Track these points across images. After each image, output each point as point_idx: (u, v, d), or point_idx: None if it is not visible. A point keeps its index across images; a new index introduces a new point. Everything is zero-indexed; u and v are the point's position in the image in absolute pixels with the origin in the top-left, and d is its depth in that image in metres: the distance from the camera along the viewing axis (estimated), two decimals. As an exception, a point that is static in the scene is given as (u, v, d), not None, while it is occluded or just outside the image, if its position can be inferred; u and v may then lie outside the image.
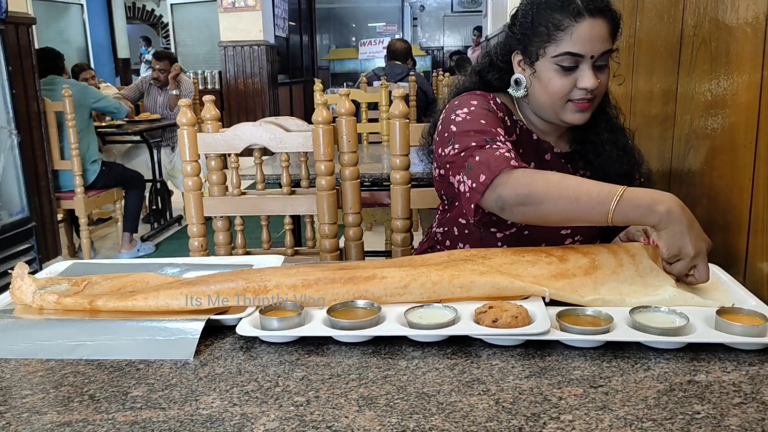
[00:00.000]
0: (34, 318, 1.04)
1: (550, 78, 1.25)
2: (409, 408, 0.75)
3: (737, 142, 1.22)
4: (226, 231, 1.76)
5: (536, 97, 1.30)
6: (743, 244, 1.19)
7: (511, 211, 1.14)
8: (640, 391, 0.78)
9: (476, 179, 1.16)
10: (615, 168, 1.34)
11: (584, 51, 1.21)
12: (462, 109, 1.29)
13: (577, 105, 1.26)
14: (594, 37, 1.21)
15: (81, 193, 3.78)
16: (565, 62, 1.22)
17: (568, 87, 1.24)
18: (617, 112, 1.39)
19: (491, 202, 1.16)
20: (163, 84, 4.82)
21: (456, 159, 1.23)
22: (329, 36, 11.32)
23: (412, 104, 3.92)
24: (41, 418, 0.76)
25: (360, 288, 1.03)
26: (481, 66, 1.41)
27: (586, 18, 1.20)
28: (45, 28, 7.16)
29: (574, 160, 1.39)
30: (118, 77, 9.49)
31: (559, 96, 1.25)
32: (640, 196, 1.04)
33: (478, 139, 1.21)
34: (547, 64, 1.25)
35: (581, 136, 1.37)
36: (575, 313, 0.97)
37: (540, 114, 1.34)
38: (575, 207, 1.08)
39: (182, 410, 0.77)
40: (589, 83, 1.22)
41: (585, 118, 1.28)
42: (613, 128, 1.36)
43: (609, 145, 1.34)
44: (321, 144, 1.63)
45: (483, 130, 1.23)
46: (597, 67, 1.24)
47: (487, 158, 1.17)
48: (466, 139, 1.22)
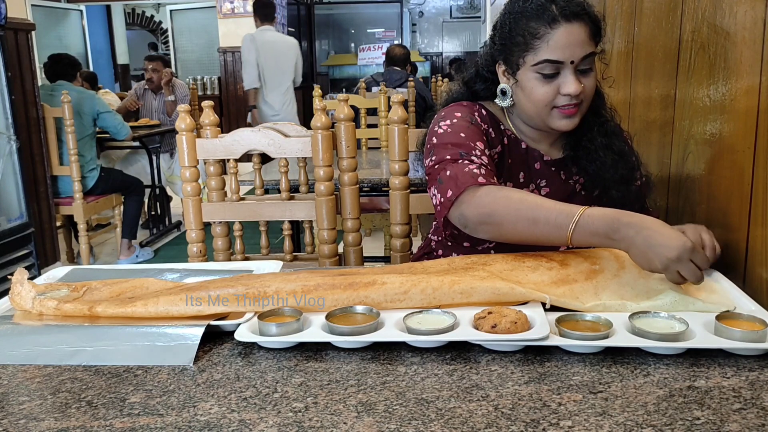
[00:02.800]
0: (33, 324, 1.04)
1: (532, 87, 1.24)
2: (408, 414, 0.75)
3: (736, 147, 1.22)
4: (225, 237, 1.76)
5: (522, 106, 1.30)
6: (742, 249, 1.19)
7: (474, 228, 1.16)
8: (640, 396, 0.78)
9: (444, 194, 1.18)
10: (610, 173, 1.32)
11: (563, 57, 1.20)
12: (445, 121, 1.29)
13: (562, 111, 1.24)
14: (572, 43, 1.20)
15: (80, 198, 3.78)
16: (545, 70, 1.22)
17: (551, 94, 1.23)
18: (612, 114, 1.38)
19: (455, 218, 1.18)
20: (156, 86, 4.83)
21: (431, 171, 1.25)
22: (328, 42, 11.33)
23: (411, 110, 3.93)
24: (39, 424, 0.76)
25: (360, 294, 1.02)
26: (468, 76, 1.41)
27: (561, 24, 1.19)
28: (44, 34, 7.17)
29: (567, 166, 1.37)
30: (118, 83, 9.50)
31: (543, 104, 1.24)
32: (596, 224, 1.04)
33: (453, 152, 1.22)
34: (528, 73, 1.24)
35: (574, 142, 1.35)
36: (574, 318, 0.97)
37: (528, 122, 1.33)
38: (533, 230, 1.09)
39: (180, 417, 0.76)
40: (571, 89, 1.21)
41: (573, 124, 1.27)
42: (607, 132, 1.34)
43: (603, 150, 1.32)
44: (320, 149, 1.63)
45: (460, 143, 1.23)
46: (580, 72, 1.23)
47: (455, 173, 1.18)
48: (443, 152, 1.24)
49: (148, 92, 4.91)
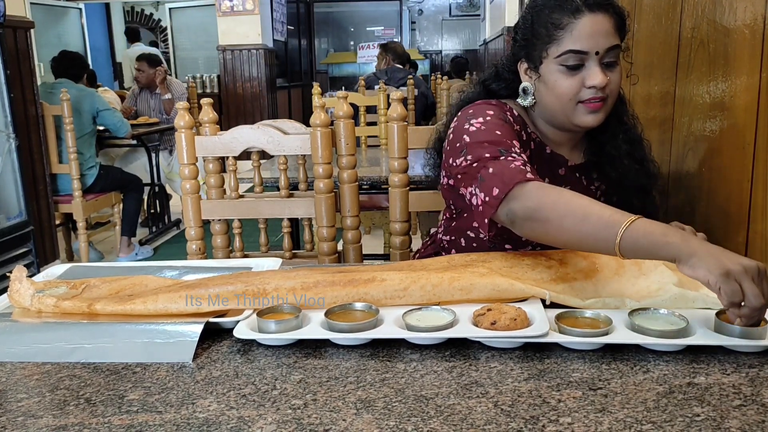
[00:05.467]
0: (32, 321, 1.03)
1: (555, 80, 1.20)
2: (407, 411, 0.75)
3: (736, 144, 1.22)
4: (224, 234, 1.76)
5: (545, 103, 1.25)
6: (742, 246, 1.19)
7: (520, 225, 1.08)
8: (640, 393, 0.78)
9: (489, 192, 1.10)
10: (632, 181, 1.29)
11: (588, 47, 1.16)
12: (477, 119, 1.23)
13: (588, 106, 1.19)
14: (596, 33, 1.16)
15: (79, 196, 3.77)
16: (569, 61, 1.18)
17: (576, 87, 1.18)
18: (635, 122, 1.34)
19: (503, 216, 1.10)
20: (144, 85, 4.83)
21: (468, 170, 1.16)
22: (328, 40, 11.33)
23: (410, 108, 3.93)
24: (37, 421, 0.75)
25: (360, 290, 1.02)
26: (486, 76, 1.37)
27: (585, 13, 1.16)
28: (43, 32, 7.15)
29: (589, 172, 1.34)
30: (116, 81, 9.49)
31: (567, 98, 1.20)
32: (653, 226, 0.94)
33: (492, 150, 1.15)
34: (551, 66, 1.20)
35: (596, 147, 1.31)
36: (574, 315, 0.97)
37: (552, 121, 1.28)
38: (581, 227, 1.00)
39: (179, 414, 0.76)
40: (597, 80, 1.16)
41: (598, 120, 1.21)
42: (631, 139, 1.30)
43: (627, 158, 1.28)
44: (319, 147, 1.63)
45: (498, 141, 1.17)
46: (606, 65, 1.18)
47: (501, 170, 1.11)
48: (479, 150, 1.16)
49: (144, 91, 4.90)
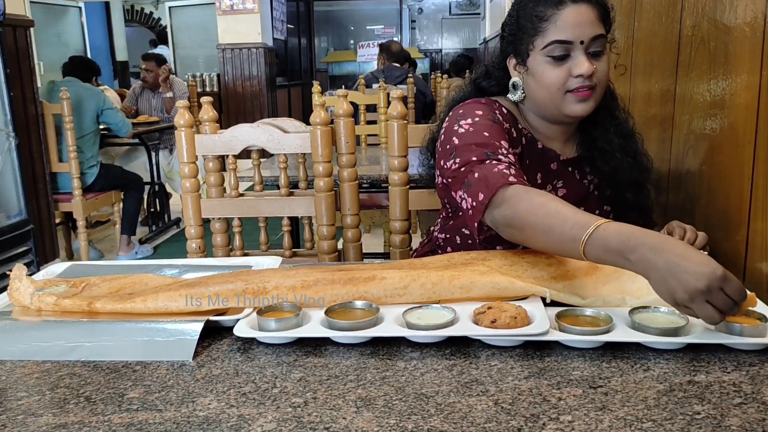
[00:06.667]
0: (32, 320, 1.03)
1: (543, 71, 1.22)
2: (407, 409, 0.75)
3: (736, 142, 1.21)
4: (224, 233, 1.76)
5: (534, 96, 1.26)
6: (742, 244, 1.19)
7: (503, 231, 1.10)
8: (640, 391, 0.78)
9: (475, 197, 1.12)
10: (625, 175, 1.30)
11: (572, 37, 1.18)
12: (465, 120, 1.24)
13: (576, 95, 1.20)
14: (581, 22, 1.18)
15: (79, 195, 3.77)
16: (555, 52, 1.19)
17: (563, 77, 1.20)
18: (627, 116, 1.35)
19: (489, 221, 1.12)
20: (151, 85, 4.84)
21: (457, 174, 1.18)
22: (327, 38, 11.33)
23: (410, 106, 3.92)
24: (37, 420, 0.75)
25: (360, 289, 1.02)
26: (476, 75, 1.39)
27: (568, 4, 1.18)
28: (43, 31, 7.14)
29: (581, 166, 1.34)
30: (116, 80, 9.48)
31: (555, 87, 1.21)
32: (611, 239, 0.92)
33: (478, 153, 1.17)
34: (538, 58, 1.22)
35: (588, 141, 1.32)
36: (574, 313, 0.97)
37: (542, 114, 1.29)
38: (548, 239, 1.01)
39: (179, 412, 0.76)
40: (583, 69, 1.18)
41: (588, 108, 1.22)
42: (623, 133, 1.31)
43: (619, 152, 1.29)
44: (319, 145, 1.62)
45: (485, 143, 1.18)
46: (592, 54, 1.20)
47: (485, 175, 1.12)
48: (467, 153, 1.18)
49: (146, 90, 4.91)
